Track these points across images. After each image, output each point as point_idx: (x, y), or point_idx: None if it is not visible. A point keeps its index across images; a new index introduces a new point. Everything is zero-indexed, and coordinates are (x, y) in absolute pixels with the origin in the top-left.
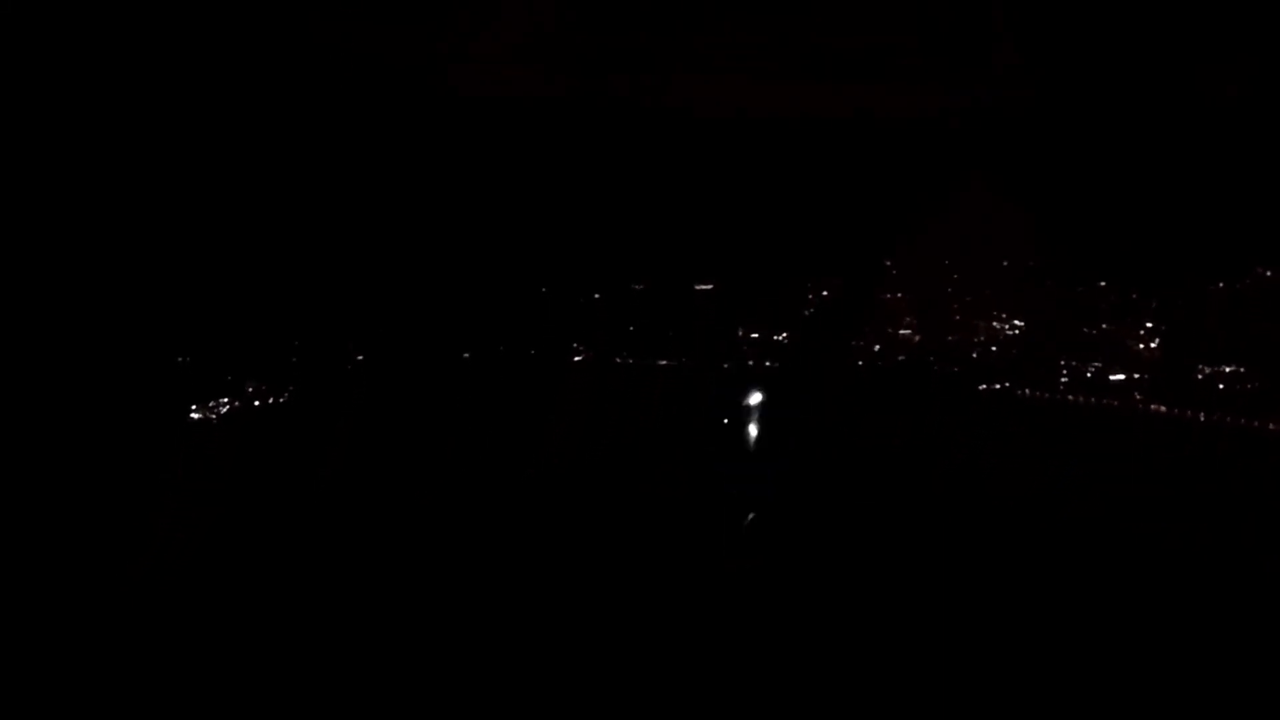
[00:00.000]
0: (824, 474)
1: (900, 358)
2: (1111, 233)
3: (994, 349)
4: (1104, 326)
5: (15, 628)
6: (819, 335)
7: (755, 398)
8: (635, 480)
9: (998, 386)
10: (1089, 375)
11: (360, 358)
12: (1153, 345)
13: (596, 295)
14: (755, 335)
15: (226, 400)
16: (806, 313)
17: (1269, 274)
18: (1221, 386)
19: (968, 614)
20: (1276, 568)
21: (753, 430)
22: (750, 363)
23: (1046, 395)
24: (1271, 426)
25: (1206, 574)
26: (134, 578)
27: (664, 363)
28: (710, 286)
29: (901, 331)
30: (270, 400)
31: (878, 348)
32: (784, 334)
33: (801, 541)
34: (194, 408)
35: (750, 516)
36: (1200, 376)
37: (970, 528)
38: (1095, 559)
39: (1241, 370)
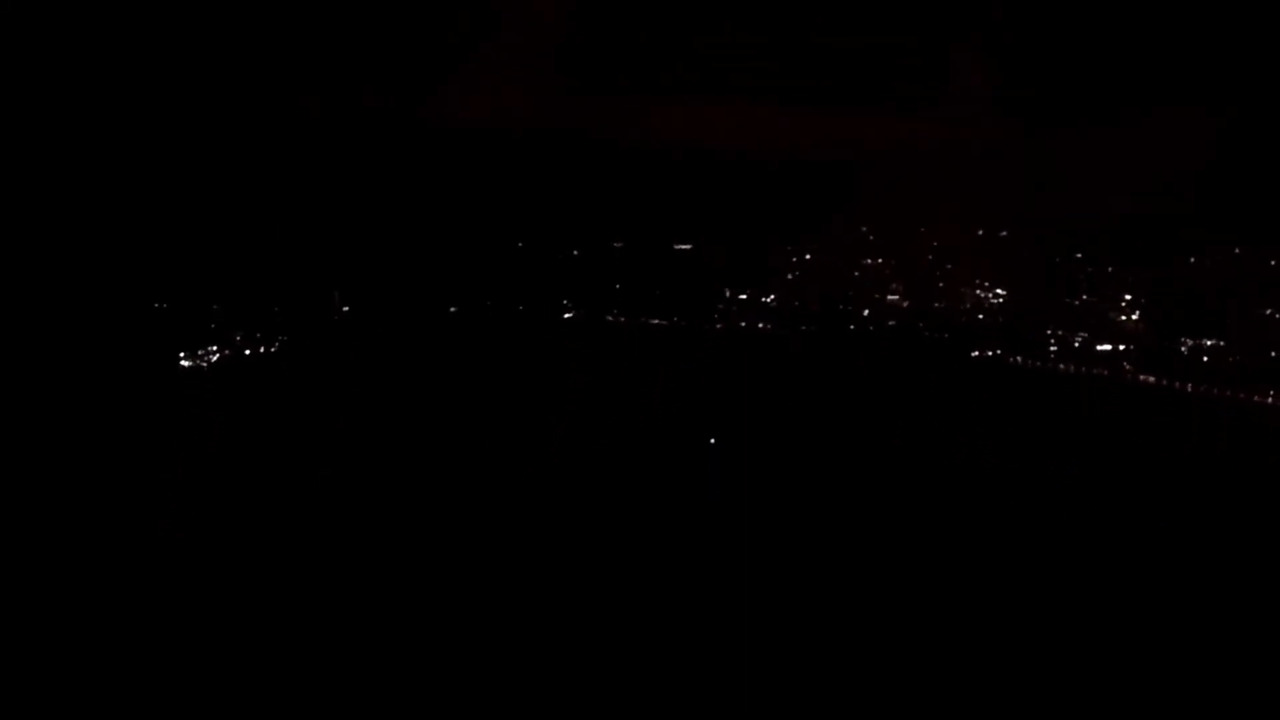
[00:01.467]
0: (819, 434)
1: (891, 323)
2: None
3: (981, 317)
4: (1084, 298)
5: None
6: (806, 299)
7: (748, 358)
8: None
9: (990, 354)
10: (1076, 345)
11: (346, 309)
12: (1134, 318)
13: (585, 254)
14: (743, 297)
15: (215, 349)
16: (791, 276)
17: (1237, 252)
18: (1205, 359)
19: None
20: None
21: (748, 391)
22: (742, 324)
23: (1038, 363)
24: (1256, 399)
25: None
26: (129, 521)
27: (656, 321)
28: (689, 246)
29: (889, 298)
30: (257, 350)
31: (867, 312)
32: (771, 296)
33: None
34: (182, 355)
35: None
36: (1184, 349)
37: (965, 494)
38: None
39: (1221, 344)
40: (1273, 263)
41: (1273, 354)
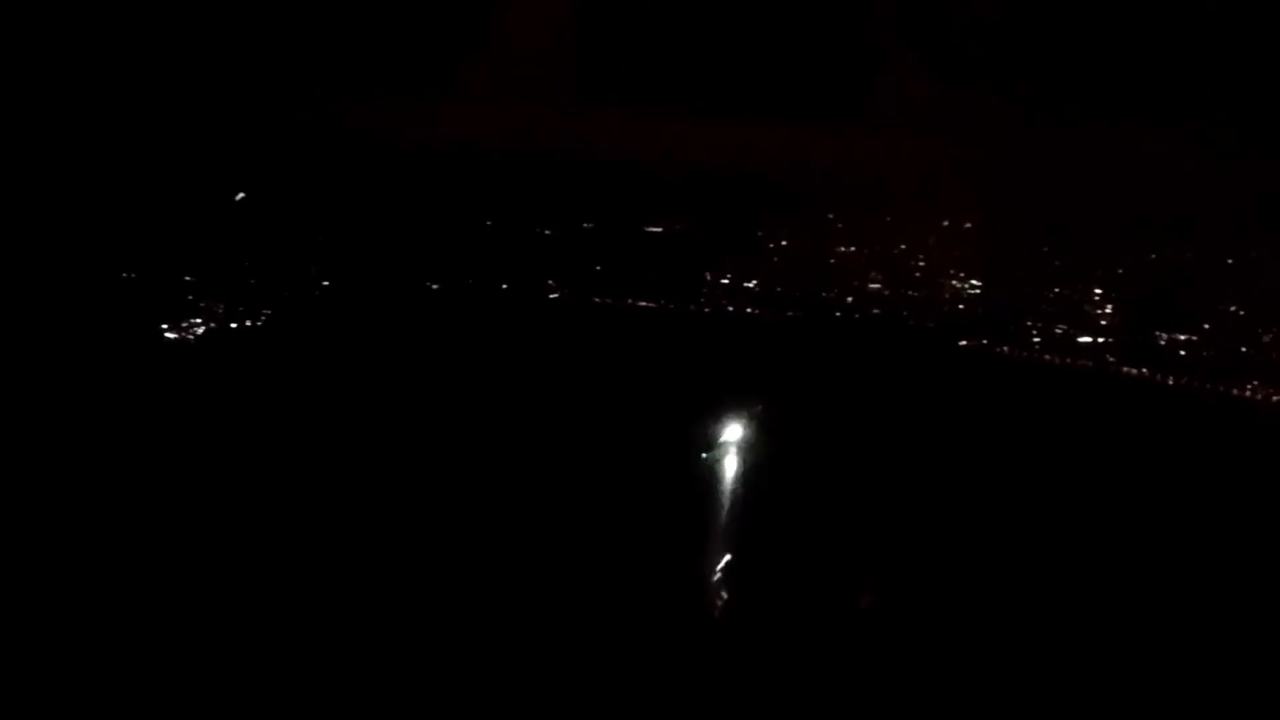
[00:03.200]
0: (811, 421)
1: (875, 311)
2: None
3: (961, 307)
4: (1061, 291)
5: None
6: (789, 285)
7: (737, 343)
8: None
9: (978, 343)
10: (1058, 335)
11: (326, 284)
12: (1109, 310)
13: (567, 235)
14: (725, 281)
15: (200, 321)
16: (772, 262)
17: (1213, 247)
18: (1183, 353)
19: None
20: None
21: (738, 376)
22: (730, 308)
23: (1025, 354)
24: (1235, 392)
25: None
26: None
27: (644, 304)
28: (669, 229)
29: (871, 285)
30: (243, 324)
31: (850, 300)
32: (754, 281)
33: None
34: (165, 327)
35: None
36: (1162, 343)
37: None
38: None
39: (1195, 338)
40: (1251, 255)
41: (1244, 349)
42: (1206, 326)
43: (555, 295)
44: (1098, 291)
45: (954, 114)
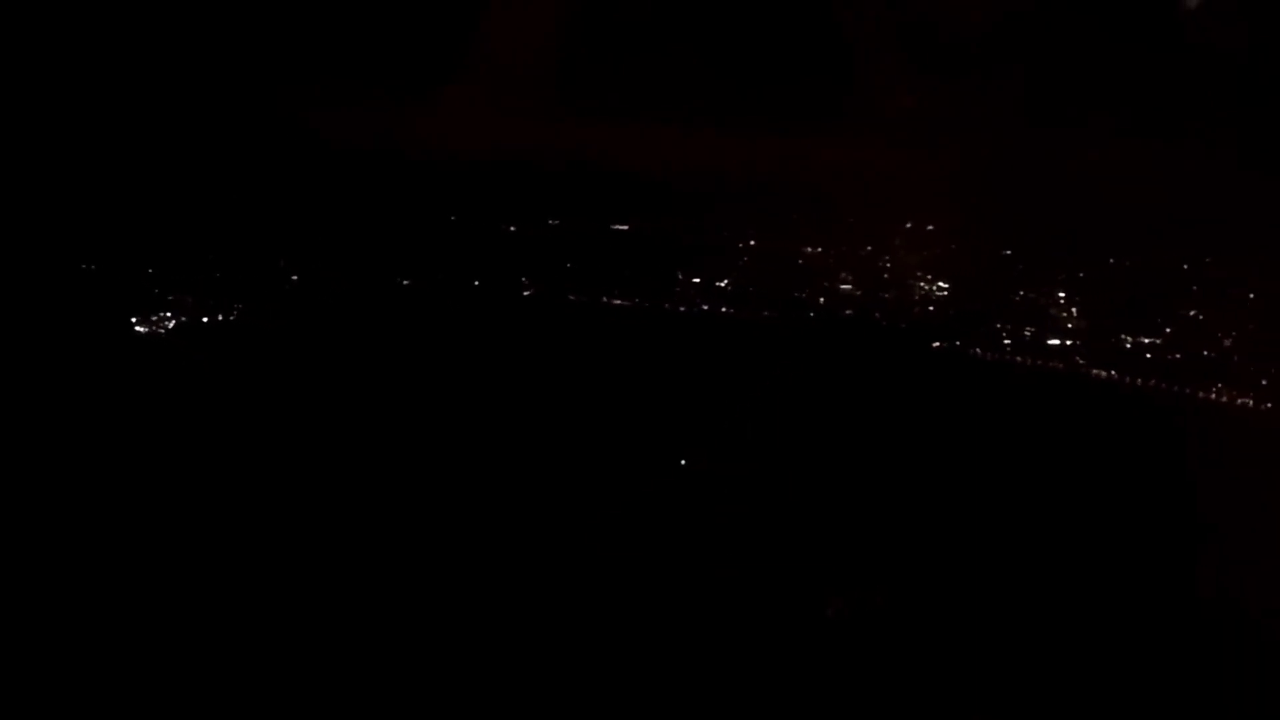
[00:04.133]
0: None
1: (847, 311)
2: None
3: (931, 309)
4: (1026, 294)
5: None
6: (759, 285)
7: (714, 343)
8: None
9: (952, 344)
10: (1027, 338)
11: (295, 278)
12: (1074, 313)
13: (536, 232)
14: (696, 280)
15: (169, 315)
16: (742, 261)
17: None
18: (1149, 356)
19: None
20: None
21: (716, 376)
22: (704, 307)
23: (996, 356)
24: (1202, 394)
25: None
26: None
27: (618, 302)
28: (637, 228)
29: (842, 287)
30: (216, 318)
31: (822, 300)
32: (725, 281)
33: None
34: (135, 320)
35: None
36: (1128, 346)
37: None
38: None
39: (1158, 341)
40: (1207, 260)
41: (1206, 352)
42: (1168, 330)
43: (528, 292)
44: (1062, 295)
45: (929, 122)
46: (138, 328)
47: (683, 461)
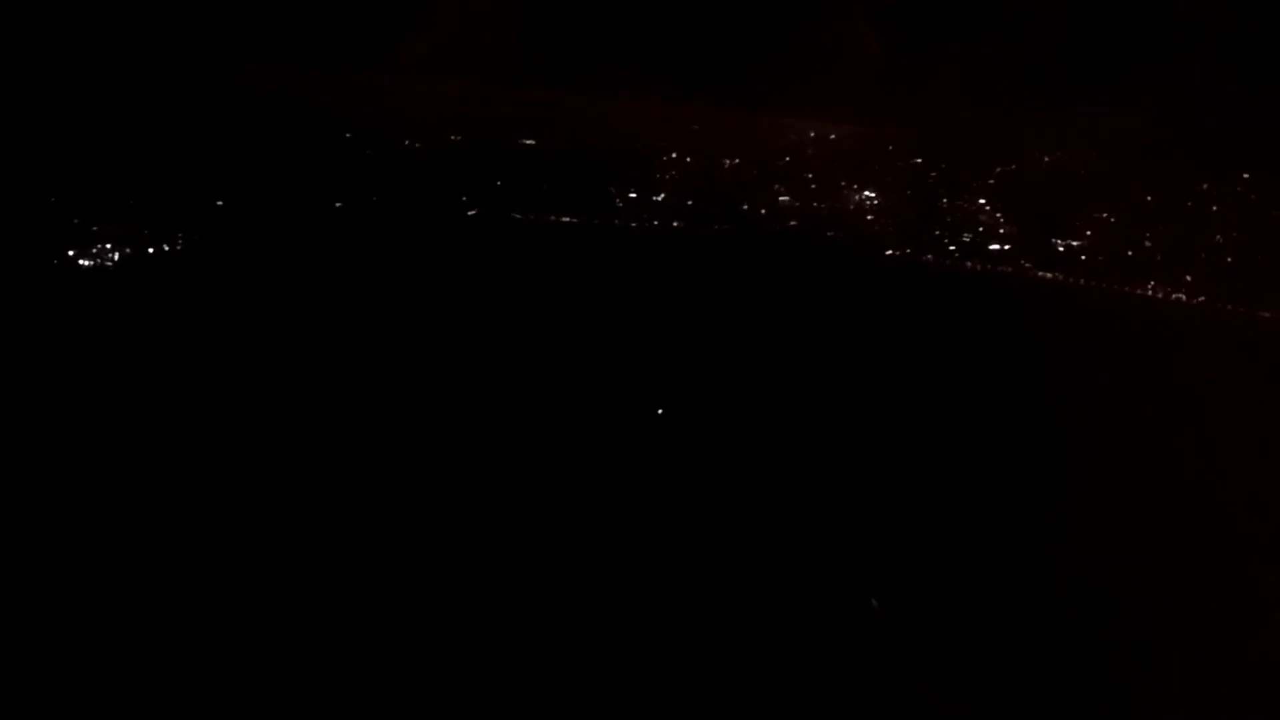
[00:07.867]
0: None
1: (792, 223)
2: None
3: (870, 219)
4: (952, 200)
5: None
6: (697, 198)
7: (666, 258)
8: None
9: (903, 253)
10: (967, 243)
11: (220, 203)
12: (1001, 217)
13: (467, 155)
14: (633, 195)
15: (111, 247)
16: (669, 176)
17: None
18: (1083, 258)
19: None
20: None
21: (674, 293)
22: (655, 223)
23: (947, 262)
24: (1139, 291)
25: None
26: None
27: (566, 219)
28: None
29: (781, 199)
30: (160, 248)
31: (763, 211)
32: (661, 195)
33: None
34: (74, 253)
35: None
36: (1060, 248)
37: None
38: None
39: (1084, 242)
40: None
41: (1130, 252)
42: (1089, 233)
43: (472, 212)
44: (983, 201)
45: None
46: (81, 260)
47: (657, 378)
